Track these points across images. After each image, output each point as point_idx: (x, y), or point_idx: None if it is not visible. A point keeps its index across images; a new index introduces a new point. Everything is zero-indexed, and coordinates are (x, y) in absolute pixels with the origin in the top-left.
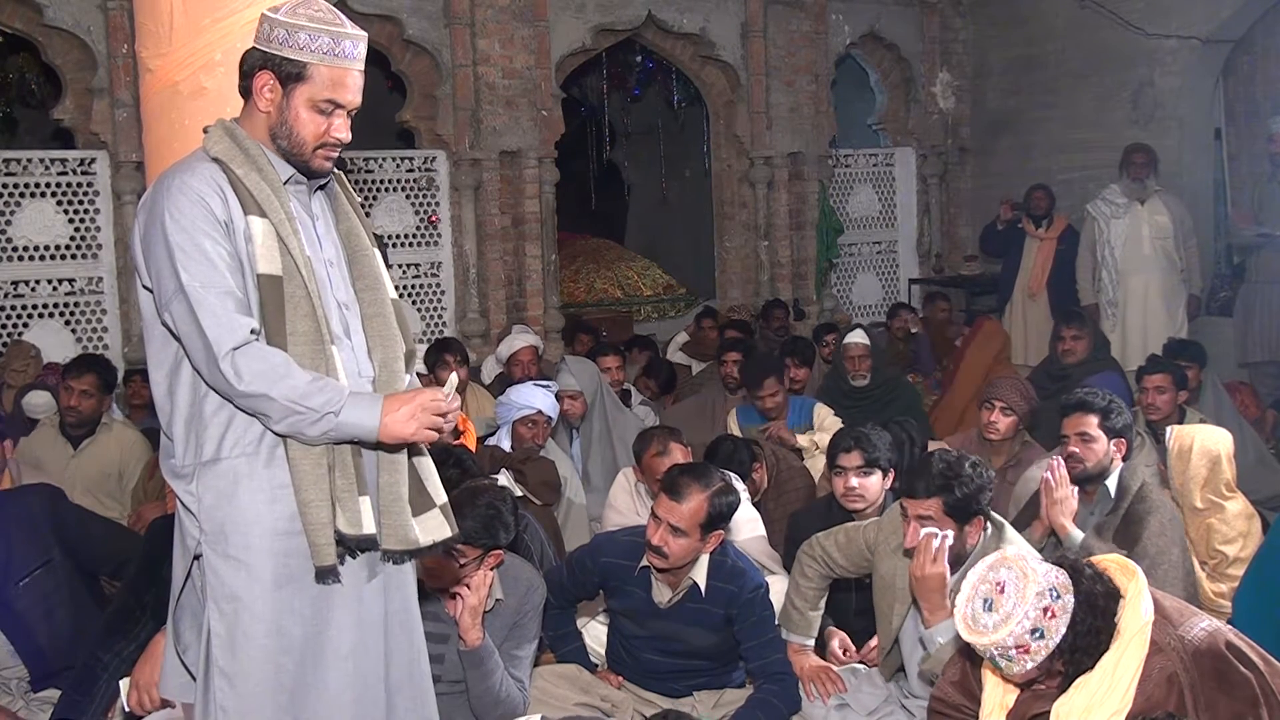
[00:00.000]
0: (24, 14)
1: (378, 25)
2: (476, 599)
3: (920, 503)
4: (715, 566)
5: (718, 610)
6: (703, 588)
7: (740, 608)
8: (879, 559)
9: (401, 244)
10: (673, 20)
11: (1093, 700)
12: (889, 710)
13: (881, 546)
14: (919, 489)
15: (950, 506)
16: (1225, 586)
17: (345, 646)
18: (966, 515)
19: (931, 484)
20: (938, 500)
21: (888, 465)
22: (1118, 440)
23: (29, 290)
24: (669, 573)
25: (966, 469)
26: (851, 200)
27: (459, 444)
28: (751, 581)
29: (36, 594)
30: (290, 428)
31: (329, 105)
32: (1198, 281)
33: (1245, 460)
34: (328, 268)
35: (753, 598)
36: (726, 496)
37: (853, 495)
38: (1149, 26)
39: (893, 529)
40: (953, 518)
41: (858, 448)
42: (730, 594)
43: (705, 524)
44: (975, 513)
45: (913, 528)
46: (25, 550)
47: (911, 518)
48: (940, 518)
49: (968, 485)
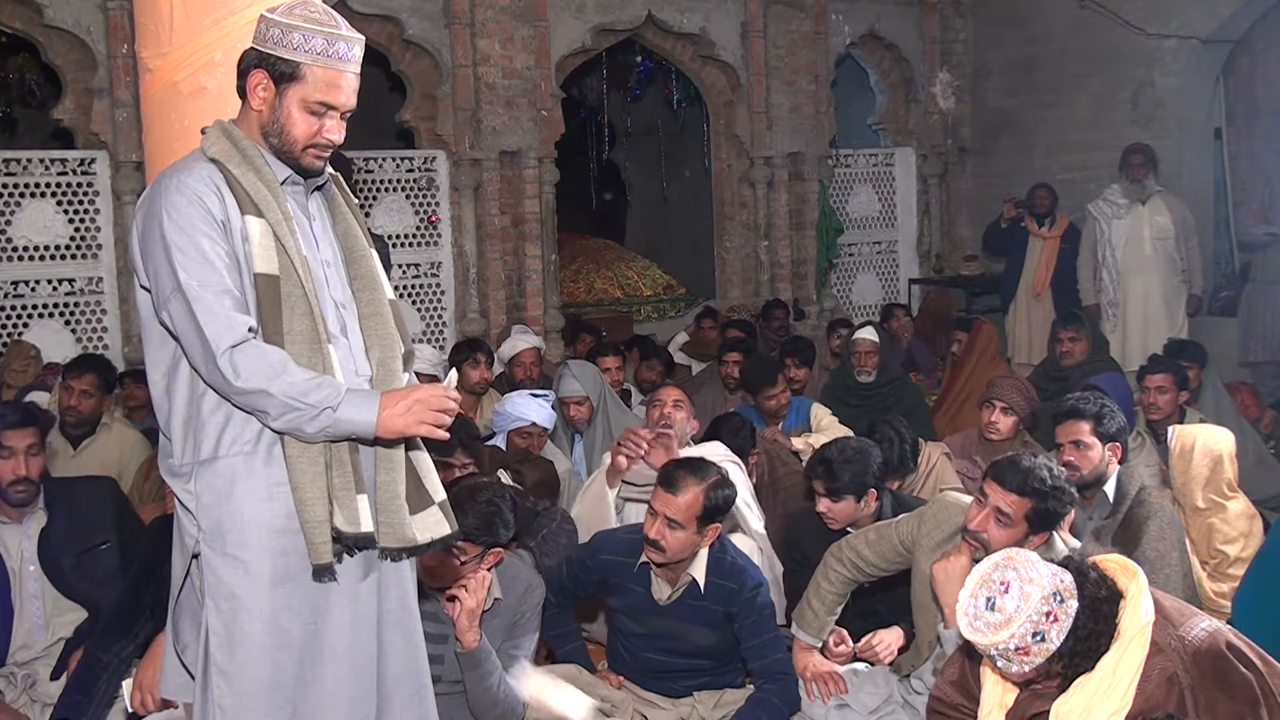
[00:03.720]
0: (24, 14)
1: (378, 25)
2: (474, 601)
3: (1007, 496)
4: (715, 563)
5: (717, 608)
6: (702, 584)
7: (740, 605)
8: (919, 555)
9: (401, 244)
10: (673, 20)
11: (1093, 700)
12: (889, 710)
13: (924, 541)
14: (1012, 483)
15: (1034, 513)
16: (1226, 586)
17: (342, 644)
18: (1042, 526)
19: (1028, 485)
20: (1027, 502)
21: (861, 489)
22: (1112, 445)
23: (29, 290)
24: (668, 568)
25: (1065, 485)
26: (851, 200)
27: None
28: (752, 579)
29: (92, 567)
30: (288, 424)
31: (321, 107)
32: (1199, 281)
33: (1245, 460)
34: (325, 268)
35: (753, 596)
36: (723, 490)
37: (826, 516)
38: (1149, 26)
39: (935, 524)
40: (1029, 523)
41: (821, 477)
42: (730, 591)
43: (702, 517)
44: (1049, 527)
45: (985, 513)
46: (90, 527)
47: (990, 506)
48: (1018, 519)
49: (1059, 501)
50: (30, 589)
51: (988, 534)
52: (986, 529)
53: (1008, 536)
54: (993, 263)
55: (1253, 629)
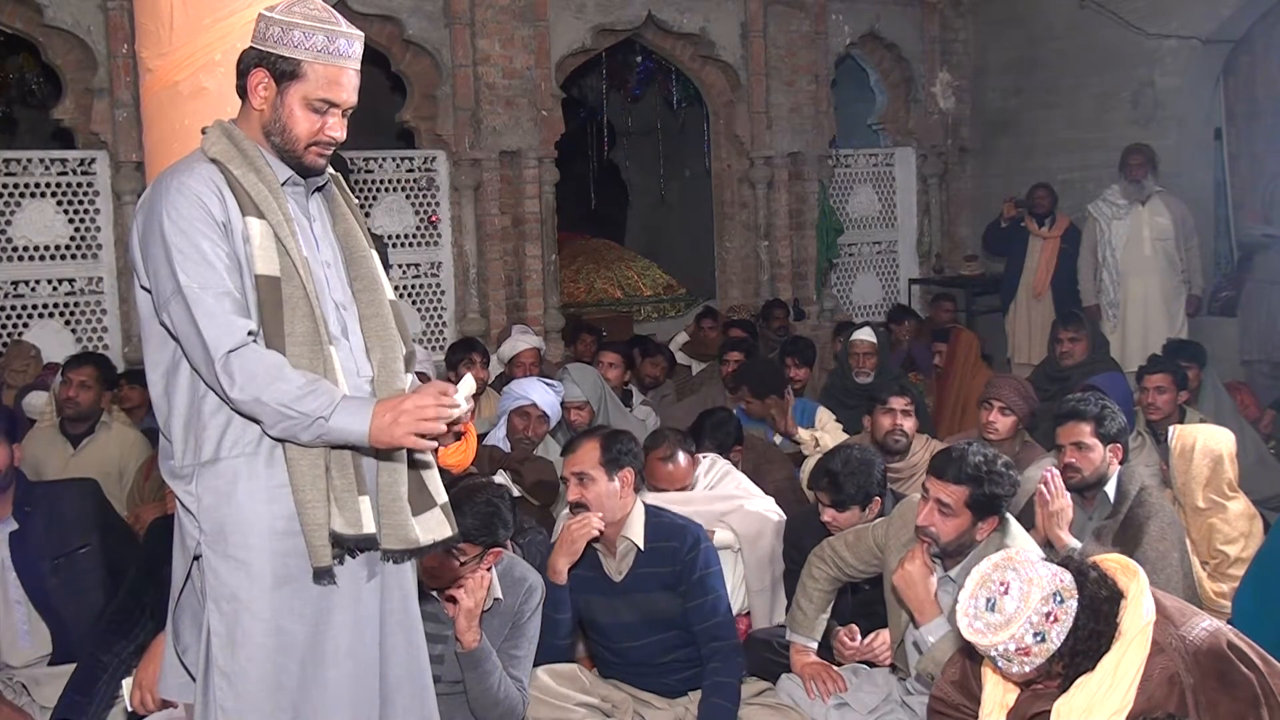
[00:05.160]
0: (24, 14)
1: (378, 25)
2: (473, 601)
3: (946, 486)
4: (652, 528)
5: (665, 569)
6: (641, 544)
7: (683, 565)
8: (888, 556)
9: (401, 244)
10: (673, 20)
11: (1094, 700)
12: (889, 709)
13: (891, 543)
14: (948, 474)
15: (974, 499)
16: (1226, 586)
17: (344, 646)
18: (986, 512)
19: (963, 473)
20: (965, 489)
21: (866, 499)
22: (1113, 445)
23: (29, 290)
24: (608, 542)
25: (999, 467)
26: (851, 200)
27: (460, 445)
28: (690, 535)
29: (72, 573)
30: (284, 432)
31: (323, 104)
32: (1199, 282)
33: (1245, 460)
34: (325, 269)
35: (693, 556)
36: (617, 437)
37: (832, 525)
38: (1149, 26)
39: (901, 525)
40: (971, 510)
41: (826, 490)
42: (671, 550)
43: (607, 462)
44: (994, 511)
45: (929, 507)
46: (69, 532)
47: (932, 499)
48: (959, 507)
49: (997, 484)
50: (13, 595)
51: (935, 527)
52: (933, 522)
53: (954, 527)
54: (993, 263)
55: (1253, 629)
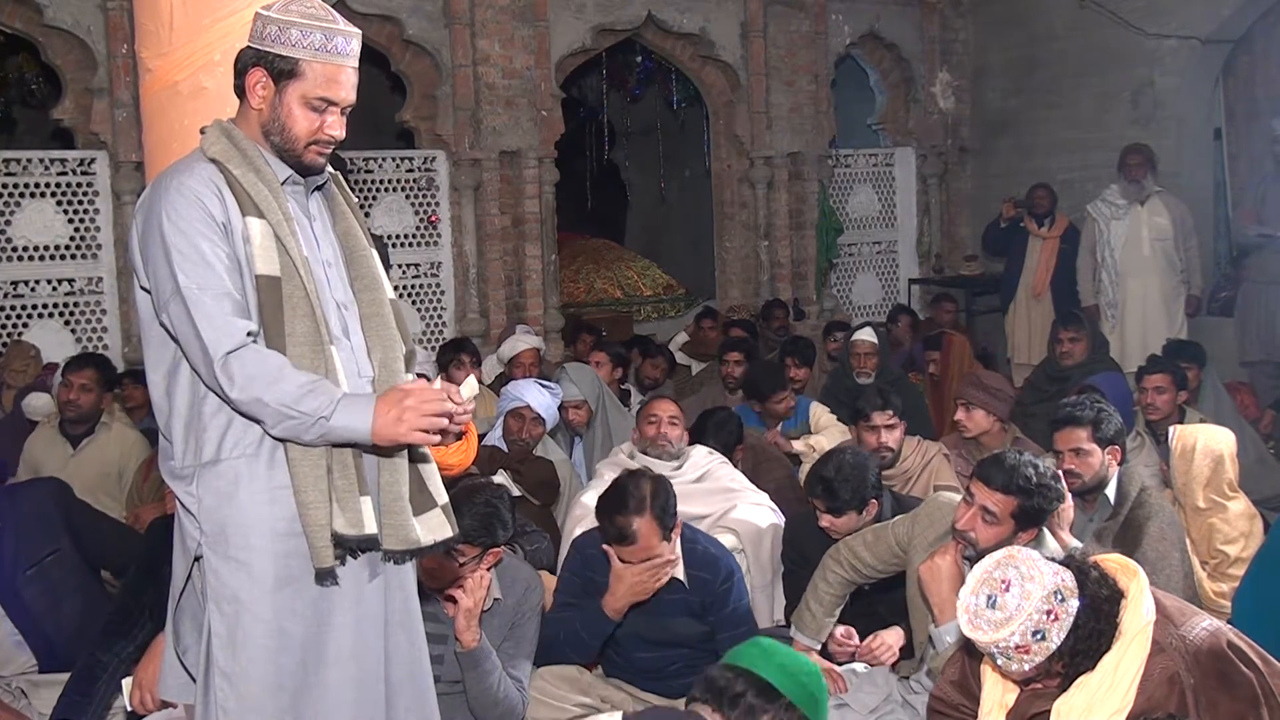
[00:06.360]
0: (24, 14)
1: (378, 25)
2: (472, 601)
3: (993, 494)
4: (688, 555)
5: (695, 599)
6: (684, 578)
7: (714, 598)
8: (914, 555)
9: (401, 244)
10: (673, 20)
11: (1094, 700)
12: (889, 709)
13: (917, 541)
14: (997, 481)
15: (1021, 510)
16: (1226, 586)
17: (346, 647)
18: (1029, 523)
19: (1013, 483)
20: (1013, 500)
21: (862, 503)
22: (1111, 448)
23: (29, 290)
24: None
25: (1049, 480)
26: (851, 200)
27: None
28: (724, 568)
29: (45, 583)
30: (286, 432)
31: (322, 103)
32: (1198, 282)
33: (1245, 460)
34: (325, 268)
35: (726, 589)
36: (662, 501)
37: (830, 530)
38: (1149, 26)
39: (928, 523)
40: (1015, 521)
41: (822, 497)
42: (704, 582)
43: (663, 530)
44: (1037, 523)
45: (972, 513)
46: (36, 539)
47: (976, 505)
48: (1004, 517)
49: (1045, 498)
50: None
51: (975, 533)
52: (974, 528)
53: (995, 535)
54: (992, 263)
55: (1253, 629)
